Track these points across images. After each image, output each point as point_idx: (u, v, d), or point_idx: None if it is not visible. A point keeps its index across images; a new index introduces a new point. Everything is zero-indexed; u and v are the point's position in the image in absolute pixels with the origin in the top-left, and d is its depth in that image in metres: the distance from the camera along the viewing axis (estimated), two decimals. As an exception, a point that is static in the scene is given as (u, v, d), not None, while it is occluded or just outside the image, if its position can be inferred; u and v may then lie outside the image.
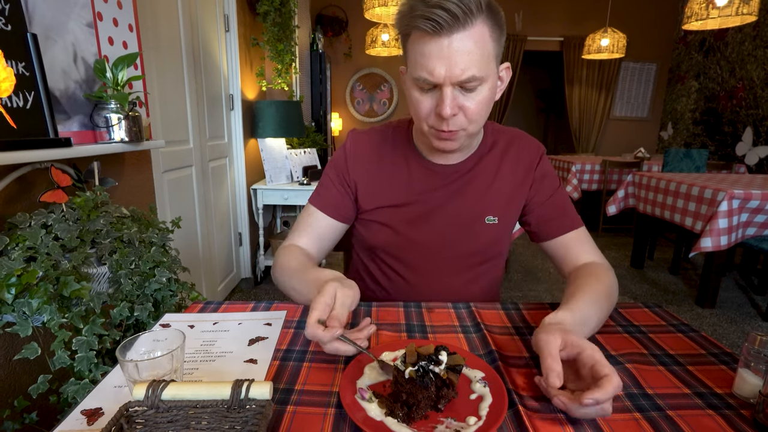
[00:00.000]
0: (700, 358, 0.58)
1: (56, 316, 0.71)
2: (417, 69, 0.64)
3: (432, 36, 0.60)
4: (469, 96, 0.64)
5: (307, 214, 0.84)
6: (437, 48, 0.60)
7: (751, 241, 2.30)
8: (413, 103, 0.69)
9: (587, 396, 0.42)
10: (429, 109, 0.67)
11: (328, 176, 0.85)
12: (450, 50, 0.60)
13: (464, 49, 0.60)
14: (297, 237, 0.83)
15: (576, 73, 5.01)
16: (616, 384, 0.43)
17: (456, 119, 0.66)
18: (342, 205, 0.83)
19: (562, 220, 0.80)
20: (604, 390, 0.42)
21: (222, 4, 2.23)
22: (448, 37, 0.59)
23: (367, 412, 0.45)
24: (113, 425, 0.37)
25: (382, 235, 0.83)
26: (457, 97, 0.64)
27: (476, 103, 0.65)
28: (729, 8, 2.40)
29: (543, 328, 0.54)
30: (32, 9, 0.92)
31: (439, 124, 0.67)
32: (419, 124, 0.71)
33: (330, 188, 0.83)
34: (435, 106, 0.66)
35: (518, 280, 2.89)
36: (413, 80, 0.66)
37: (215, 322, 0.67)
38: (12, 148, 0.80)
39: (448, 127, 0.66)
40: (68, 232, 0.80)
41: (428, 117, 0.68)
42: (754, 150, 3.78)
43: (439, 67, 0.61)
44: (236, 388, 0.40)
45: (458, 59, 0.60)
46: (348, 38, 4.87)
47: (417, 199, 0.81)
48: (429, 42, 0.61)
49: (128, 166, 1.35)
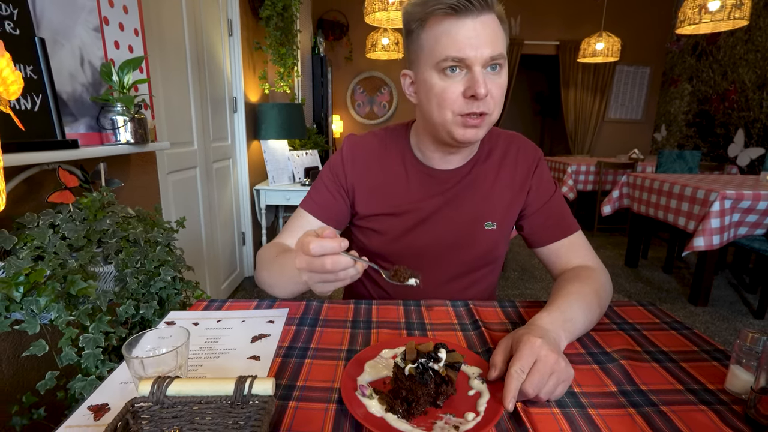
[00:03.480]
0: (693, 355, 0.58)
1: (63, 314, 0.72)
2: (445, 50, 0.62)
3: (458, 17, 0.61)
4: (494, 78, 0.64)
5: (298, 217, 0.81)
6: (464, 28, 0.61)
7: (742, 240, 2.32)
8: (437, 91, 0.65)
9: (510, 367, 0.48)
10: (456, 93, 0.64)
11: (322, 180, 0.82)
12: (477, 29, 0.61)
13: (491, 27, 0.62)
14: (284, 237, 0.80)
15: (572, 76, 5.07)
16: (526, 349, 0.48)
17: (486, 101, 0.64)
18: (335, 209, 0.81)
19: (556, 227, 0.79)
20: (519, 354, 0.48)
21: (225, 8, 2.25)
22: (476, 17, 0.61)
23: (367, 408, 0.45)
24: (119, 420, 0.38)
25: (379, 242, 0.82)
26: (486, 77, 0.63)
27: (499, 87, 0.65)
28: (721, 13, 2.42)
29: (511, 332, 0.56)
30: (40, 14, 0.93)
31: (470, 107, 0.64)
32: (443, 114, 0.67)
33: (323, 192, 0.81)
34: (464, 89, 0.64)
35: (515, 278, 2.91)
36: (436, 66, 0.64)
37: (219, 320, 0.67)
38: (20, 149, 0.82)
39: (479, 109, 0.64)
40: (75, 231, 0.81)
41: (454, 103, 0.65)
42: (746, 151, 3.83)
43: (468, 46, 0.61)
44: (239, 384, 0.40)
45: (487, 37, 0.61)
46: (349, 42, 4.90)
47: (415, 206, 0.79)
48: (456, 22, 0.61)
49: (134, 167, 1.36)
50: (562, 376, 0.48)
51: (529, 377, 0.47)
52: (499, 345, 0.53)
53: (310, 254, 0.48)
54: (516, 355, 0.49)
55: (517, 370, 0.47)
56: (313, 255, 0.48)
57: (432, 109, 0.68)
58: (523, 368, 0.47)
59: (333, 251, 0.48)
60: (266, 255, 0.75)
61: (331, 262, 0.48)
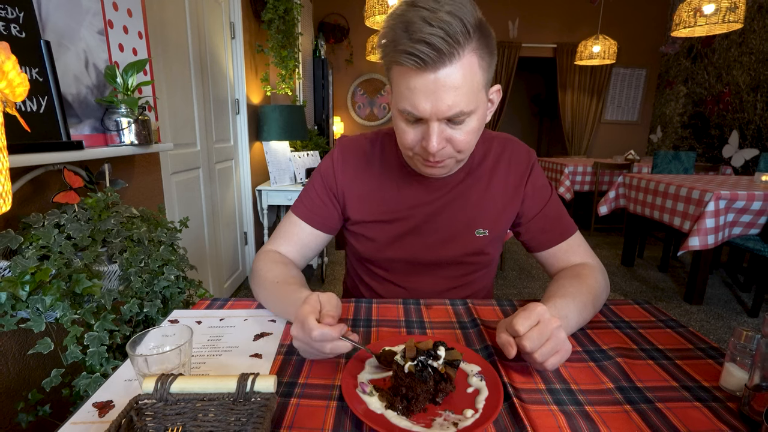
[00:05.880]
0: (688, 353, 0.59)
1: (69, 313, 0.72)
2: (402, 102, 0.60)
3: (416, 71, 0.56)
4: (457, 128, 0.61)
5: (290, 223, 0.80)
6: (422, 83, 0.56)
7: (737, 240, 2.33)
8: (399, 132, 0.65)
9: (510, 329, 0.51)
10: (415, 140, 0.64)
11: (312, 185, 0.81)
12: (436, 86, 0.56)
13: (451, 84, 0.56)
14: (278, 243, 0.79)
15: (569, 78, 5.10)
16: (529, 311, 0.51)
17: (443, 151, 0.63)
18: (327, 215, 0.80)
19: (554, 231, 0.79)
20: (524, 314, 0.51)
21: (228, 12, 2.27)
22: (433, 72, 0.55)
23: (367, 405, 0.46)
24: (123, 417, 0.38)
25: (371, 248, 0.82)
26: (444, 131, 0.61)
27: (464, 134, 0.62)
28: (716, 16, 2.44)
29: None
30: (45, 17, 0.94)
31: (426, 155, 0.64)
32: (404, 151, 0.68)
33: (314, 198, 0.80)
34: (421, 138, 0.62)
35: (513, 277, 2.93)
36: (398, 111, 0.63)
37: (222, 318, 0.68)
38: (26, 150, 0.82)
39: (435, 159, 0.64)
40: (80, 231, 0.82)
41: (414, 146, 0.65)
42: (740, 152, 3.85)
43: (424, 103, 0.57)
44: (242, 381, 0.41)
45: (444, 95, 0.56)
46: (349, 45, 4.93)
47: (406, 214, 0.78)
48: (414, 77, 0.56)
49: (138, 168, 1.37)
50: (559, 344, 0.50)
51: (529, 333, 0.49)
52: (499, 327, 0.56)
53: (312, 340, 0.50)
54: (521, 314, 0.52)
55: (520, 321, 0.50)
56: (314, 341, 0.50)
57: (399, 143, 0.69)
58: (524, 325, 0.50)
59: (333, 339, 0.50)
60: (264, 271, 0.72)
61: (331, 349, 0.51)
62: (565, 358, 0.51)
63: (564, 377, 0.53)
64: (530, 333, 0.50)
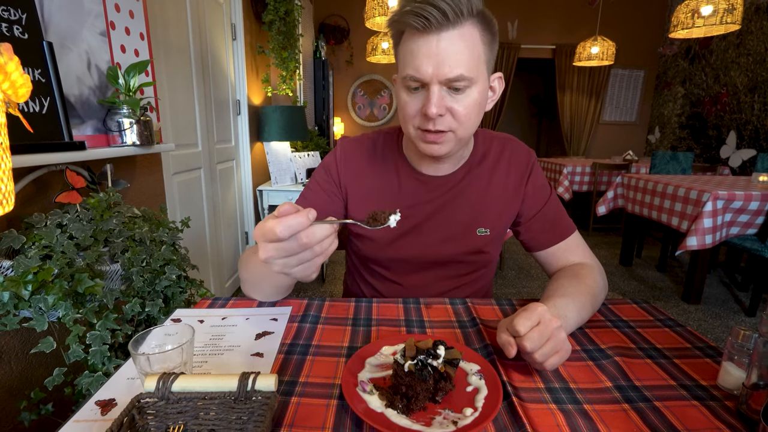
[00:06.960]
0: (686, 352, 0.59)
1: (71, 312, 0.73)
2: (406, 68, 0.62)
3: (421, 33, 0.59)
4: (457, 97, 0.62)
5: None
6: (426, 45, 0.59)
7: (734, 239, 2.34)
8: (401, 105, 0.67)
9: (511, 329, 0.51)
10: (416, 109, 0.64)
11: (315, 181, 0.81)
12: (438, 48, 0.58)
13: (453, 47, 0.59)
14: None
15: (567, 79, 5.12)
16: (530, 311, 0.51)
17: (443, 119, 0.63)
18: (330, 208, 0.80)
19: (553, 231, 0.79)
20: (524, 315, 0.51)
21: (229, 13, 2.27)
22: (437, 34, 0.58)
23: (368, 404, 0.46)
24: (126, 416, 0.38)
25: (371, 247, 0.82)
26: (444, 98, 0.62)
27: (465, 106, 0.63)
28: (714, 18, 2.45)
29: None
30: (48, 18, 0.95)
31: (426, 124, 0.64)
32: (406, 127, 0.69)
33: (318, 192, 0.80)
34: (422, 107, 0.63)
35: (512, 277, 2.93)
36: (401, 80, 0.65)
37: (224, 317, 0.68)
38: (29, 151, 0.83)
39: (435, 127, 0.63)
40: (82, 231, 0.82)
41: (414, 118, 0.65)
42: (738, 153, 3.87)
43: (426, 65, 0.59)
44: (243, 380, 0.41)
45: (446, 57, 0.59)
46: (349, 46, 4.94)
47: (407, 213, 0.78)
48: (418, 39, 0.60)
49: (140, 168, 1.38)
50: (559, 344, 0.50)
51: (529, 334, 0.50)
52: (500, 327, 0.56)
53: (279, 239, 0.42)
54: (522, 315, 0.52)
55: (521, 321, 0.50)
56: (282, 239, 0.42)
57: (401, 120, 0.70)
58: (525, 325, 0.50)
59: (303, 227, 0.42)
60: (246, 254, 0.72)
61: (306, 236, 0.43)
62: (565, 358, 0.52)
63: (563, 376, 0.53)
64: (531, 333, 0.50)
